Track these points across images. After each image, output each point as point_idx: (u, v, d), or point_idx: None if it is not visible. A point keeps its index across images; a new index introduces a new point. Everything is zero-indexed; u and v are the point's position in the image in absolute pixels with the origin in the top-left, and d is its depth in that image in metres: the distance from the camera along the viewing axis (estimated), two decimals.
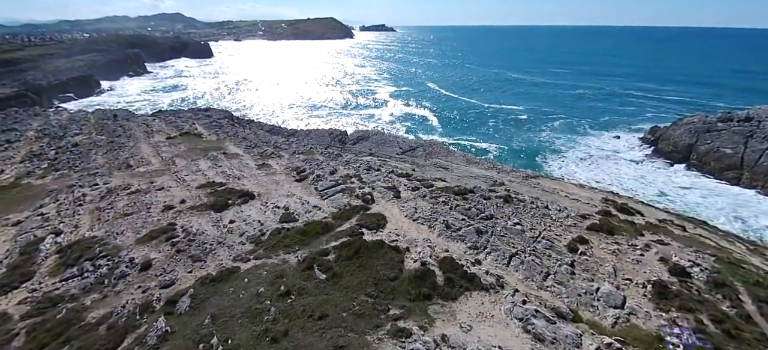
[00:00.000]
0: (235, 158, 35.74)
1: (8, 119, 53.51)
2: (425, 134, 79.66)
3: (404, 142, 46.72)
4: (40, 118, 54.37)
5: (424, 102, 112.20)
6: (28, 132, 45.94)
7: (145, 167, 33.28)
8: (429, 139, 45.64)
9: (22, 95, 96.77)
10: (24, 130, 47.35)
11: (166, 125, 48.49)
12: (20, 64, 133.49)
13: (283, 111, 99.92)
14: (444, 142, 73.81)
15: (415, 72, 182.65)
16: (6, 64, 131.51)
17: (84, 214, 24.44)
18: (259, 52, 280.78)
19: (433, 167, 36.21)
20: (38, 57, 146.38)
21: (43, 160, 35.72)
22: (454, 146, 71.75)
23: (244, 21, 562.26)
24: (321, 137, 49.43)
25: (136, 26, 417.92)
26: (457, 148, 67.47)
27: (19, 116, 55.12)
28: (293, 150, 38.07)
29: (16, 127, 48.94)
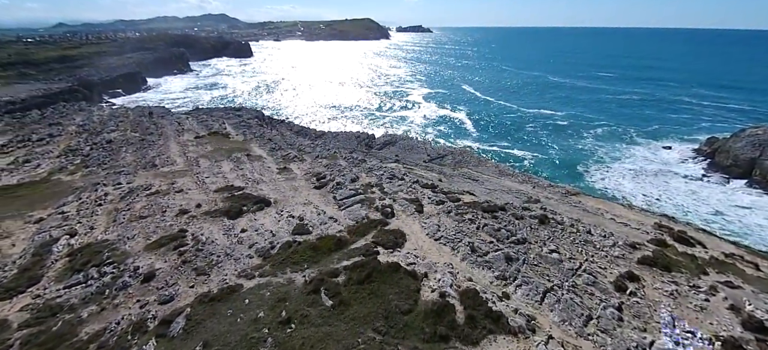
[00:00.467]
0: (257, 160, 34.95)
1: (55, 113, 55.96)
2: (458, 139, 76.66)
3: (432, 149, 44.38)
4: (84, 113, 56.51)
5: (458, 105, 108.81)
6: (70, 127, 47.60)
7: (170, 166, 33.09)
8: (459, 146, 43.07)
9: (75, 89, 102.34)
10: (67, 124, 49.19)
11: (198, 124, 48.84)
12: (77, 61, 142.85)
13: (315, 112, 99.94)
14: (476, 149, 70.66)
15: (451, 74, 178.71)
16: (64, 60, 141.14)
17: (102, 214, 24.15)
18: (297, 53, 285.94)
19: (462, 178, 33.73)
20: (93, 54, 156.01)
21: (78, 156, 36.49)
22: (487, 153, 68.48)
23: (284, 22, 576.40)
24: (347, 141, 48.06)
25: (183, 26, 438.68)
26: (490, 157, 64.20)
27: (66, 111, 57.56)
28: (317, 154, 36.84)
29: (61, 121, 50.95)
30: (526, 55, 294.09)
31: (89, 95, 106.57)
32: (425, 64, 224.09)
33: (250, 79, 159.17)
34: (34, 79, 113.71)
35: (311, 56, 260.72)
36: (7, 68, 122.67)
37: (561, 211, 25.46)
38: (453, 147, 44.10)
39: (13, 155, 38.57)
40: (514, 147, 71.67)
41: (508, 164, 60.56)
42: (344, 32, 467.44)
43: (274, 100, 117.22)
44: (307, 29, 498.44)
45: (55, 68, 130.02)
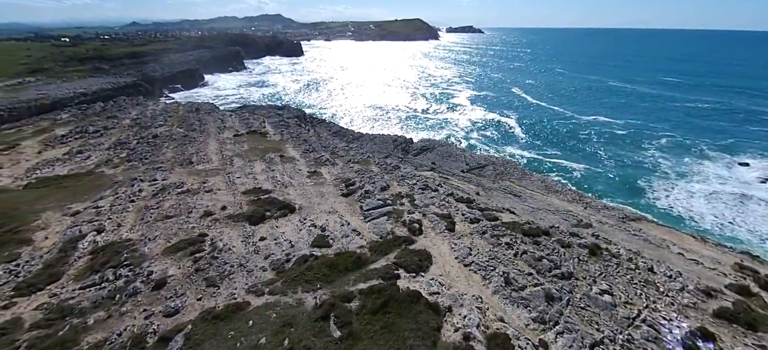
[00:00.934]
0: (290, 162, 34.24)
1: (115, 107, 59.26)
2: (503, 146, 72.58)
3: (472, 157, 41.47)
4: (140, 107, 59.40)
5: (506, 109, 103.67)
6: (124, 120, 50.01)
7: (205, 164, 33.23)
8: (503, 155, 39.79)
9: (139, 84, 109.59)
10: (122, 117, 51.80)
11: (239, 122, 49.48)
12: (144, 57, 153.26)
13: (356, 112, 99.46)
14: (523, 157, 66.27)
15: (500, 77, 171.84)
16: (134, 56, 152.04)
17: (132, 211, 24.26)
18: (345, 52, 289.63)
19: (502, 193, 30.81)
20: (159, 51, 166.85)
21: (124, 149, 37.84)
22: (534, 163, 63.95)
23: (335, 22, 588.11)
24: (384, 144, 46.45)
25: (241, 26, 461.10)
26: (538, 167, 59.76)
27: (124, 104, 60.83)
28: (350, 158, 35.51)
29: (117, 114, 53.79)
30: (582, 57, 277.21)
31: (151, 90, 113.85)
32: (474, 65, 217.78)
33: (298, 77, 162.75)
34: (106, 74, 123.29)
35: (359, 56, 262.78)
36: (84, 63, 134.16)
37: (617, 240, 22.00)
38: (494, 157, 40.85)
39: (69, 145, 40.87)
40: (565, 157, 66.43)
41: (555, 173, 55.99)
42: (393, 33, 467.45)
43: (318, 99, 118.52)
44: (357, 29, 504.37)
45: (125, 63, 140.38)
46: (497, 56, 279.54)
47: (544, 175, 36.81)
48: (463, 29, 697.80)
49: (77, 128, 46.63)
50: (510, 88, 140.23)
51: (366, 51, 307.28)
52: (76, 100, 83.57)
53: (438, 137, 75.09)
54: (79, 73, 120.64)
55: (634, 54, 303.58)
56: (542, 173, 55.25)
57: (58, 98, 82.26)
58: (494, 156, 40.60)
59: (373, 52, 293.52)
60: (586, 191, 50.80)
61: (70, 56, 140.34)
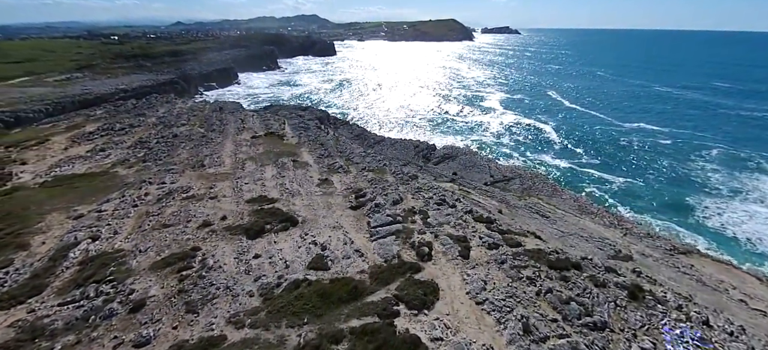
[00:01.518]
0: (302, 168, 32.57)
1: (145, 104, 60.17)
2: (535, 153, 68.16)
3: (497, 168, 38.15)
4: (169, 105, 60.02)
5: (540, 114, 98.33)
6: (150, 118, 50.37)
7: (216, 167, 32.17)
8: (530, 168, 36.25)
9: (175, 82, 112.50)
10: (150, 115, 52.28)
11: (260, 123, 48.61)
12: (184, 56, 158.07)
13: (382, 113, 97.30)
14: (556, 166, 61.78)
15: (536, 79, 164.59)
16: (175, 54, 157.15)
17: (133, 217, 23.27)
18: (377, 53, 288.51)
19: (528, 212, 27.64)
20: (198, 50, 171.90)
21: (143, 148, 37.59)
22: (569, 172, 59.40)
23: (369, 22, 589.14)
24: (405, 150, 44.04)
25: (278, 26, 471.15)
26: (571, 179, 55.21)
27: (154, 102, 61.68)
28: (365, 165, 33.39)
29: (146, 112, 54.41)
30: (625, 60, 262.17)
31: (186, 87, 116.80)
32: (508, 67, 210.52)
33: (328, 77, 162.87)
34: (148, 71, 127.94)
35: (390, 57, 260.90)
36: (129, 60, 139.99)
37: (663, 279, 18.55)
38: (522, 169, 37.25)
39: (94, 142, 41.24)
40: (604, 168, 61.33)
41: (591, 186, 51.47)
42: (427, 33, 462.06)
43: (346, 99, 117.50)
44: (391, 30, 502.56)
45: (166, 61, 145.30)
46: (534, 58, 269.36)
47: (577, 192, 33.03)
48: (499, 30, 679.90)
49: (105, 125, 47.28)
50: (546, 91, 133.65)
51: (398, 51, 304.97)
52: (116, 96, 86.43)
53: (465, 142, 71.72)
54: (123, 70, 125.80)
55: (683, 58, 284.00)
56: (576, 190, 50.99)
57: (100, 93, 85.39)
58: (522, 168, 37.03)
59: (404, 53, 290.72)
60: (625, 206, 46.20)
61: (117, 54, 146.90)
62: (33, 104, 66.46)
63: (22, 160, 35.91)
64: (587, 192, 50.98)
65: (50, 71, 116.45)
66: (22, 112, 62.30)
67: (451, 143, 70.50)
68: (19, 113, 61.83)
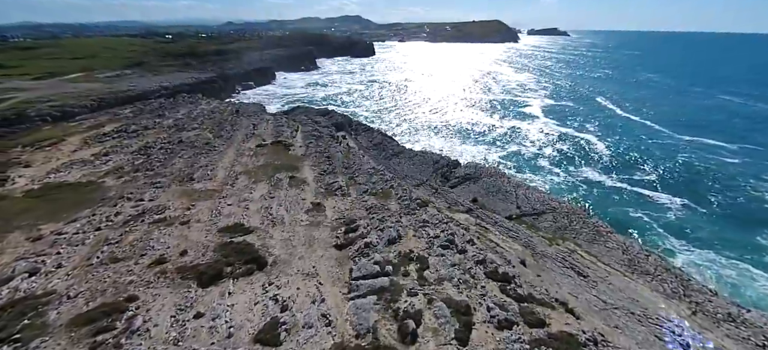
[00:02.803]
0: (297, 186, 28.51)
1: (169, 105, 59.12)
2: (578, 167, 60.52)
3: (526, 198, 31.81)
4: (192, 106, 58.66)
5: (586, 122, 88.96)
6: (167, 120, 48.75)
7: (205, 182, 28.89)
8: (566, 202, 29.84)
9: (214, 80, 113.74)
10: (169, 117, 50.80)
11: (272, 129, 45.40)
12: (228, 55, 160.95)
13: (412, 118, 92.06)
14: (601, 183, 53.97)
15: (584, 84, 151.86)
16: (220, 53, 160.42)
17: (88, 245, 20.17)
18: (416, 54, 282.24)
19: (560, 265, 21.62)
20: (242, 50, 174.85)
21: (143, 155, 35.29)
22: (615, 191, 51.51)
23: (411, 23, 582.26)
24: (422, 166, 38.87)
25: (322, 26, 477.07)
26: (619, 199, 47.50)
27: (180, 102, 60.64)
28: (369, 186, 28.71)
29: (166, 113, 53.07)
30: (684, 64, 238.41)
31: (224, 86, 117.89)
32: (554, 70, 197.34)
33: (364, 78, 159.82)
34: (193, 69, 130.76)
35: (430, 58, 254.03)
36: (177, 58, 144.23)
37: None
38: (557, 200, 30.69)
39: (104, 144, 39.73)
40: (657, 188, 52.86)
41: (635, 211, 43.82)
42: (469, 34, 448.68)
43: (376, 102, 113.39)
44: (432, 31, 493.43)
45: (211, 60, 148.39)
46: (582, 61, 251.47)
47: (627, 237, 26.42)
48: (545, 32, 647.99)
49: (122, 126, 46.07)
50: (594, 97, 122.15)
51: (438, 53, 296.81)
52: (157, 93, 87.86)
53: (498, 154, 65.05)
54: (170, 67, 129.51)
55: (749, 62, 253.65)
56: (622, 215, 43.35)
57: (143, 90, 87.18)
58: (556, 199, 30.58)
59: (445, 54, 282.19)
60: (682, 241, 38.39)
61: (167, 52, 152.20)
62: (80, 100, 68.11)
63: (28, 162, 34.76)
64: (636, 220, 43.40)
65: (104, 68, 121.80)
66: (68, 107, 63.73)
67: (482, 154, 64.22)
68: (66, 107, 63.27)
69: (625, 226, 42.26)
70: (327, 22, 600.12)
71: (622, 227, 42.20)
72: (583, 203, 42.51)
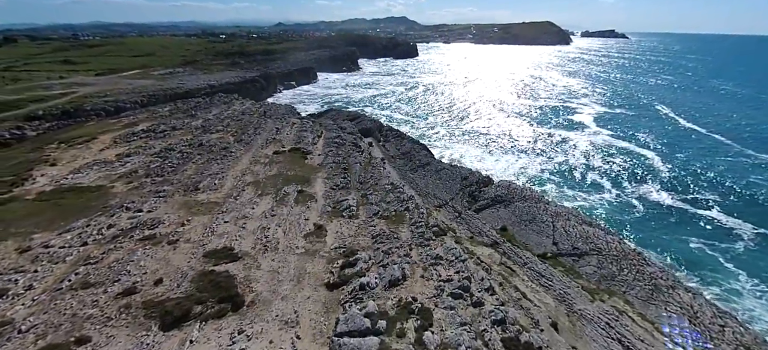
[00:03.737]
0: (303, 203, 25.78)
1: (204, 104, 59.34)
2: (633, 184, 53.50)
3: (565, 233, 26.44)
4: (224, 107, 58.47)
5: (643, 134, 79.68)
6: (197, 121, 48.38)
7: (209, 193, 27.00)
8: (619, 243, 24.17)
9: (256, 80, 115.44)
10: (200, 117, 50.56)
11: (295, 133, 43.38)
12: (274, 55, 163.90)
13: (445, 124, 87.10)
14: (661, 203, 46.93)
15: (643, 91, 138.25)
16: (267, 53, 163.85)
17: (67, 263, 18.61)
18: (460, 56, 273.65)
19: (604, 333, 16.61)
20: (288, 50, 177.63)
21: (161, 158, 34.37)
22: (677, 213, 44.50)
23: (458, 24, 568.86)
24: (449, 181, 34.82)
25: (368, 27, 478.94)
26: (680, 221, 40.59)
27: (213, 103, 60.75)
28: (381, 208, 25.28)
29: (198, 113, 52.96)
30: (759, 71, 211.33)
31: (266, 86, 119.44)
32: (609, 75, 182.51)
33: (404, 80, 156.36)
34: (240, 68, 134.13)
35: (473, 60, 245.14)
36: (228, 57, 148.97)
37: None
38: (604, 237, 25.12)
39: (131, 144, 39.61)
40: (728, 210, 45.36)
41: (696, 241, 37.06)
42: (518, 36, 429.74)
43: (412, 105, 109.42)
44: (479, 32, 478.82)
45: (258, 60, 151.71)
46: (642, 66, 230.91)
47: (696, 295, 20.79)
48: (602, 33, 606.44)
49: (153, 125, 46.14)
50: (654, 105, 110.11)
51: (483, 55, 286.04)
52: (203, 91, 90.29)
53: (539, 167, 59.01)
54: (219, 66, 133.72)
55: None
56: (682, 244, 36.67)
57: (189, 88, 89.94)
58: (603, 238, 24.97)
59: (490, 57, 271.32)
60: (755, 277, 31.62)
61: (218, 52, 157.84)
62: (131, 96, 70.97)
63: (55, 160, 35.06)
64: (697, 251, 36.74)
65: (159, 66, 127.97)
66: (121, 102, 66.46)
67: (520, 167, 58.53)
68: (118, 103, 66.02)
69: (682, 256, 35.79)
70: (373, 23, 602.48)
71: (680, 256, 35.73)
72: (637, 242, 36.35)
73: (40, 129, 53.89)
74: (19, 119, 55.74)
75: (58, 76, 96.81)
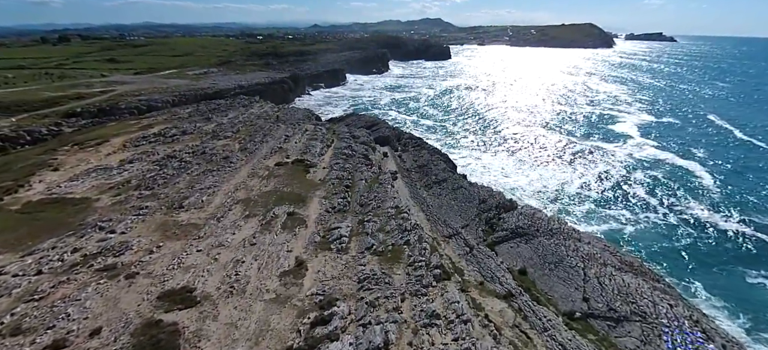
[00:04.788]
0: (291, 230, 22.43)
1: (220, 108, 57.93)
2: (680, 200, 46.71)
3: (600, 286, 20.91)
4: (242, 110, 56.84)
5: (693, 146, 70.90)
6: (209, 125, 46.72)
7: (193, 211, 24.30)
8: (667, 300, 18.67)
9: (284, 81, 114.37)
10: (216, 120, 48.91)
11: (305, 141, 40.44)
12: (306, 56, 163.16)
13: (470, 133, 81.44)
14: (714, 226, 40.29)
15: (692, 98, 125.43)
16: (300, 54, 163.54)
17: (10, 300, 16.23)
18: (495, 59, 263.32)
19: None
20: (320, 51, 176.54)
21: (159, 166, 32.38)
22: (727, 241, 37.97)
23: (493, 26, 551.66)
24: (465, 203, 30.33)
25: (403, 29, 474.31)
26: (724, 258, 34.12)
27: (232, 106, 59.36)
28: (377, 242, 21.44)
29: (213, 116, 51.42)
30: None
31: (294, 87, 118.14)
32: (655, 81, 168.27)
33: (433, 83, 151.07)
34: (272, 69, 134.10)
35: (509, 63, 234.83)
36: (262, 58, 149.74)
37: None
38: (652, 303, 19.34)
39: (138, 149, 38.16)
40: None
41: (756, 276, 30.73)
42: (556, 38, 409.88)
43: (441, 109, 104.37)
44: (516, 34, 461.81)
45: (290, 60, 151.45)
46: (692, 71, 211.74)
47: None
48: (647, 36, 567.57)
49: (166, 128, 44.82)
50: (705, 114, 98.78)
51: (521, 57, 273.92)
52: (232, 91, 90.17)
53: (575, 183, 52.82)
54: (252, 67, 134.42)
55: None
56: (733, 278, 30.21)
57: (220, 88, 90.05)
58: (650, 298, 19.37)
59: (528, 59, 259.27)
60: None
61: (253, 52, 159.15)
62: (164, 95, 71.47)
63: (59, 165, 33.98)
64: (758, 286, 30.37)
65: (195, 65, 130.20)
66: (153, 101, 66.91)
67: (551, 181, 52.58)
68: (151, 101, 66.49)
69: (738, 295, 29.62)
70: (407, 24, 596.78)
71: (735, 294, 29.55)
72: (689, 288, 30.29)
73: (76, 126, 54.27)
74: (59, 115, 56.77)
75: (100, 74, 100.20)
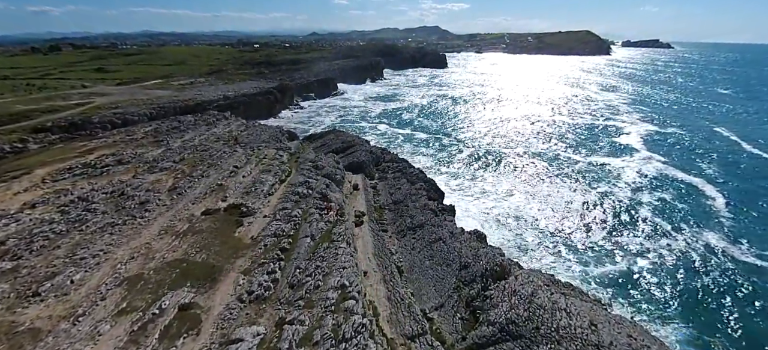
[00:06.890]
0: (173, 342, 14.77)
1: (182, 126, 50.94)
2: (692, 226, 39.40)
3: None
4: (204, 128, 49.82)
5: (701, 160, 63.44)
6: (153, 152, 39.30)
7: (50, 302, 16.47)
8: None
9: (270, 92, 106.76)
10: (166, 145, 41.58)
11: (254, 175, 32.86)
12: (299, 64, 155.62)
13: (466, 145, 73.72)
14: (729, 257, 32.72)
15: (696, 107, 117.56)
16: (293, 63, 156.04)
17: None
18: (492, 67, 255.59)
19: None
20: (313, 60, 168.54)
21: (64, 212, 24.84)
22: (746, 279, 30.33)
23: (491, 34, 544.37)
24: (442, 269, 22.58)
25: (400, 36, 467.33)
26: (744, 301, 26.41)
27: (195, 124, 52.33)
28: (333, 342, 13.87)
29: (168, 139, 44.20)
30: None
31: (280, 98, 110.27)
32: (656, 90, 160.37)
33: (428, 93, 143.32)
34: (263, 78, 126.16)
35: (507, 71, 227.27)
36: (254, 67, 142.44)
37: None
38: None
39: (52, 187, 30.67)
40: None
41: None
42: (553, 46, 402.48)
43: (433, 121, 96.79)
44: (513, 42, 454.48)
45: (282, 69, 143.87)
46: (693, 79, 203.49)
47: None
48: (644, 43, 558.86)
49: (102, 156, 37.44)
50: (711, 127, 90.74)
51: (517, 65, 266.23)
52: (215, 103, 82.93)
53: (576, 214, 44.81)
54: (243, 76, 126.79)
55: None
56: None
57: (203, 100, 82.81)
58: None
59: (525, 67, 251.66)
60: None
61: (245, 61, 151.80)
62: (141, 108, 64.24)
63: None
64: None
65: (183, 75, 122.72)
66: (129, 114, 59.82)
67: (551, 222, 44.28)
68: (127, 115, 59.36)
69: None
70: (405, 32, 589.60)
71: None
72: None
73: (45, 142, 48.35)
74: (26, 131, 50.57)
75: (81, 84, 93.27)
